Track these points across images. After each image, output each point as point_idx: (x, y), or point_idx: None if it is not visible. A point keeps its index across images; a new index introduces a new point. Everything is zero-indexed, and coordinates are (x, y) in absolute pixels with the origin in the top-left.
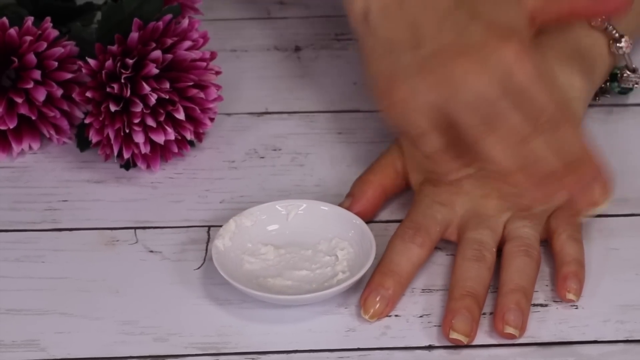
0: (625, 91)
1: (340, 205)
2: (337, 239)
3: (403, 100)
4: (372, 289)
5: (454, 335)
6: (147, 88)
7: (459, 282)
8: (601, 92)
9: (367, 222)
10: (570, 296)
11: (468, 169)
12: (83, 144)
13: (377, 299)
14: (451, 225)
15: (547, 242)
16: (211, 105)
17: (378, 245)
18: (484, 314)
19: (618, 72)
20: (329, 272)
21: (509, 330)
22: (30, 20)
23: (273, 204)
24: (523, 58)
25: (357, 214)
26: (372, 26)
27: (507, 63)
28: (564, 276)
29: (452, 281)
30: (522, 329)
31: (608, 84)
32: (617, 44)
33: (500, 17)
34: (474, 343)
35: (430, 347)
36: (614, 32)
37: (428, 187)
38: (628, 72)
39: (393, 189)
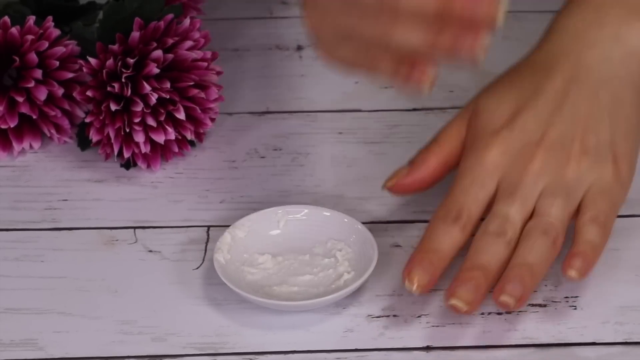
0: None
1: (397, 172)
2: (333, 240)
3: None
4: (415, 263)
5: (453, 301)
6: (147, 87)
7: (473, 254)
8: None
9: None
10: (572, 273)
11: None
12: (83, 143)
13: (422, 271)
14: (491, 203)
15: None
16: (212, 105)
17: (380, 247)
18: (482, 314)
19: None
20: (332, 274)
21: (504, 297)
22: (32, 19)
23: (275, 209)
24: None
25: (413, 182)
26: None
27: None
28: (572, 254)
29: (468, 253)
30: (519, 300)
31: None
32: None
33: None
34: (472, 344)
35: (427, 348)
36: None
37: (470, 159)
38: None
39: (457, 162)
